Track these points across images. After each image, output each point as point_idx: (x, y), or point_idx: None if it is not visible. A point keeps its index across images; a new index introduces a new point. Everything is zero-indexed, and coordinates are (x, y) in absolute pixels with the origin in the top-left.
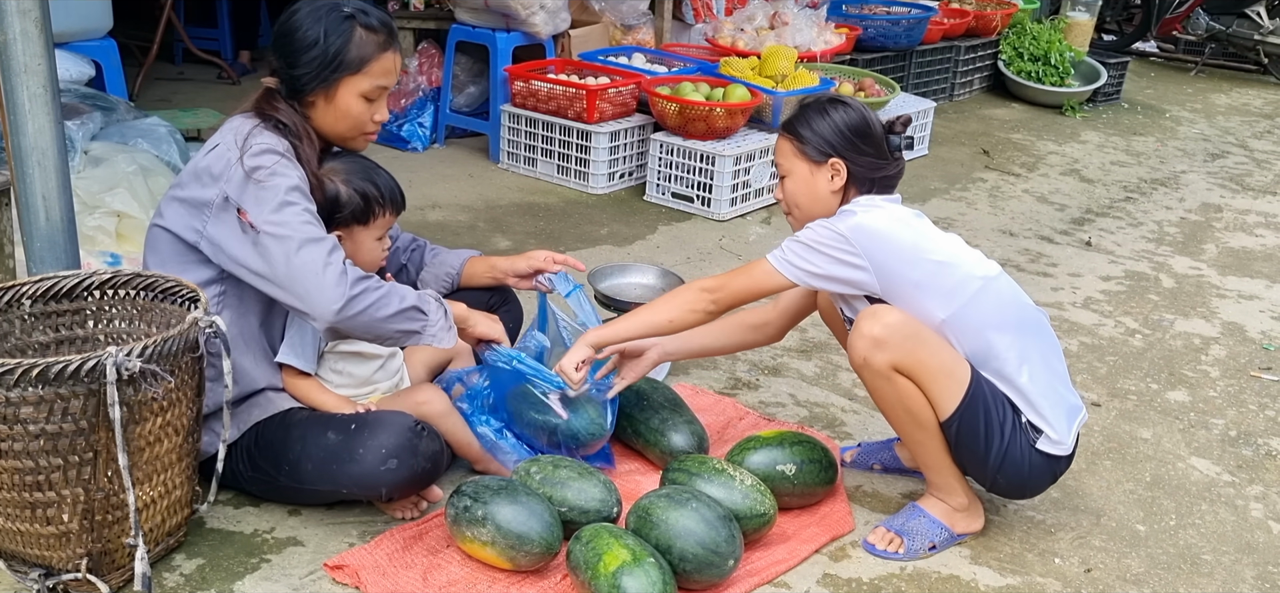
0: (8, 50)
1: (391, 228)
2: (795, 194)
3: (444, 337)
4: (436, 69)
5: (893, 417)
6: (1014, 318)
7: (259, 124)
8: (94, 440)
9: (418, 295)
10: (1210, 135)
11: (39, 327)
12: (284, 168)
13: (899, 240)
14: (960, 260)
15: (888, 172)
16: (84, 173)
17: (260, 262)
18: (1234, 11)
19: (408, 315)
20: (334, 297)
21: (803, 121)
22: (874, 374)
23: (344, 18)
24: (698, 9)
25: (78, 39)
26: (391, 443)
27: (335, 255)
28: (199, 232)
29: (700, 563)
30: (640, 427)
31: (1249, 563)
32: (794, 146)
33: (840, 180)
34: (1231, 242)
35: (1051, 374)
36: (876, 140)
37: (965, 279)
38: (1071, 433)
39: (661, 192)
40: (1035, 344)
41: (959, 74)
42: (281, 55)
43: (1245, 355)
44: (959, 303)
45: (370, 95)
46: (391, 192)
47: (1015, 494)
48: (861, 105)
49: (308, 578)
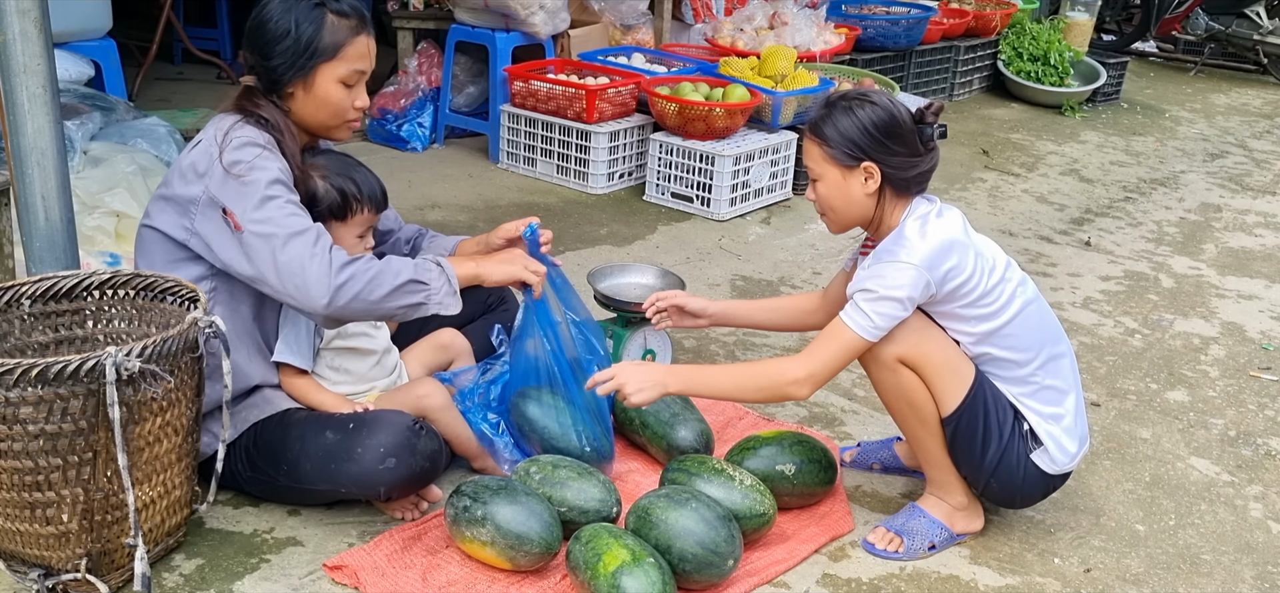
0: (7, 50)
1: (393, 222)
2: (830, 199)
3: (449, 302)
4: (436, 69)
5: (895, 410)
6: (1044, 336)
7: (240, 119)
8: (93, 440)
9: (414, 266)
10: (1209, 135)
11: (38, 327)
12: (264, 160)
13: (963, 265)
14: (1006, 282)
15: (923, 167)
16: (83, 173)
17: (248, 264)
18: (1233, 11)
19: (406, 290)
20: (323, 287)
21: (829, 123)
22: (880, 365)
23: (314, 5)
24: (697, 9)
25: (77, 39)
26: (390, 442)
27: (320, 244)
28: (188, 229)
29: (700, 563)
30: (648, 419)
31: (1248, 563)
32: (822, 150)
33: (874, 183)
34: (1231, 242)
35: (1064, 394)
36: (907, 136)
37: (1007, 302)
38: (1072, 459)
39: (661, 192)
40: (1057, 363)
41: (958, 74)
42: (255, 49)
43: (1244, 355)
44: (999, 323)
45: (348, 80)
46: (371, 188)
47: (1005, 503)
48: (887, 99)
49: (307, 578)
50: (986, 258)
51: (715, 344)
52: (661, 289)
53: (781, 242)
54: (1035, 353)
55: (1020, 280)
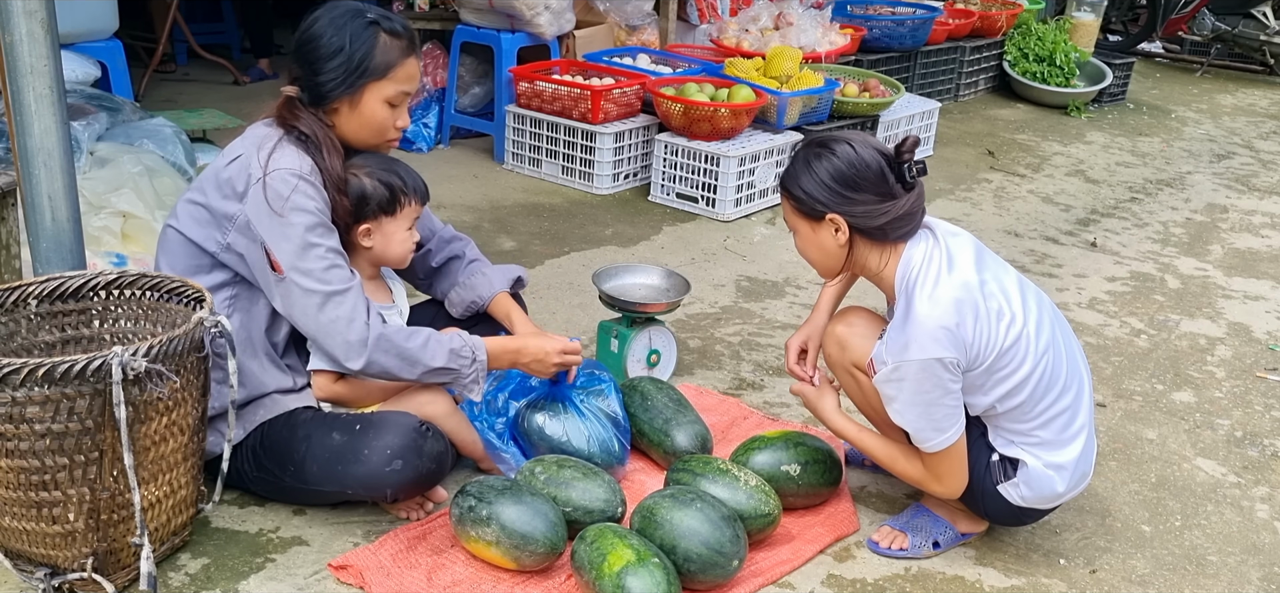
0: (14, 51)
1: (425, 231)
2: (806, 251)
3: (473, 391)
4: (442, 70)
5: (863, 411)
6: (1060, 379)
7: (282, 137)
8: (99, 440)
9: (450, 352)
10: (1216, 136)
11: (45, 327)
12: (304, 197)
13: (965, 339)
14: (1020, 341)
15: (896, 212)
16: (90, 173)
17: (285, 305)
18: (1240, 12)
19: (435, 374)
20: (358, 357)
21: (791, 178)
22: (840, 370)
23: (367, 24)
24: (702, 10)
25: (83, 40)
26: (397, 444)
27: (358, 309)
28: (221, 243)
29: (705, 563)
30: (644, 426)
31: (1255, 564)
32: (791, 205)
33: (844, 234)
34: (1237, 242)
35: (1071, 438)
36: (871, 182)
37: (1019, 365)
38: (1053, 500)
39: (666, 192)
40: (1066, 411)
41: (964, 75)
42: (304, 63)
43: (1251, 356)
44: (1008, 387)
45: (394, 101)
46: (415, 181)
47: (989, 518)
48: (850, 144)
49: (312, 578)
50: (992, 307)
51: (720, 345)
52: (666, 289)
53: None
54: (1046, 407)
55: (1037, 323)
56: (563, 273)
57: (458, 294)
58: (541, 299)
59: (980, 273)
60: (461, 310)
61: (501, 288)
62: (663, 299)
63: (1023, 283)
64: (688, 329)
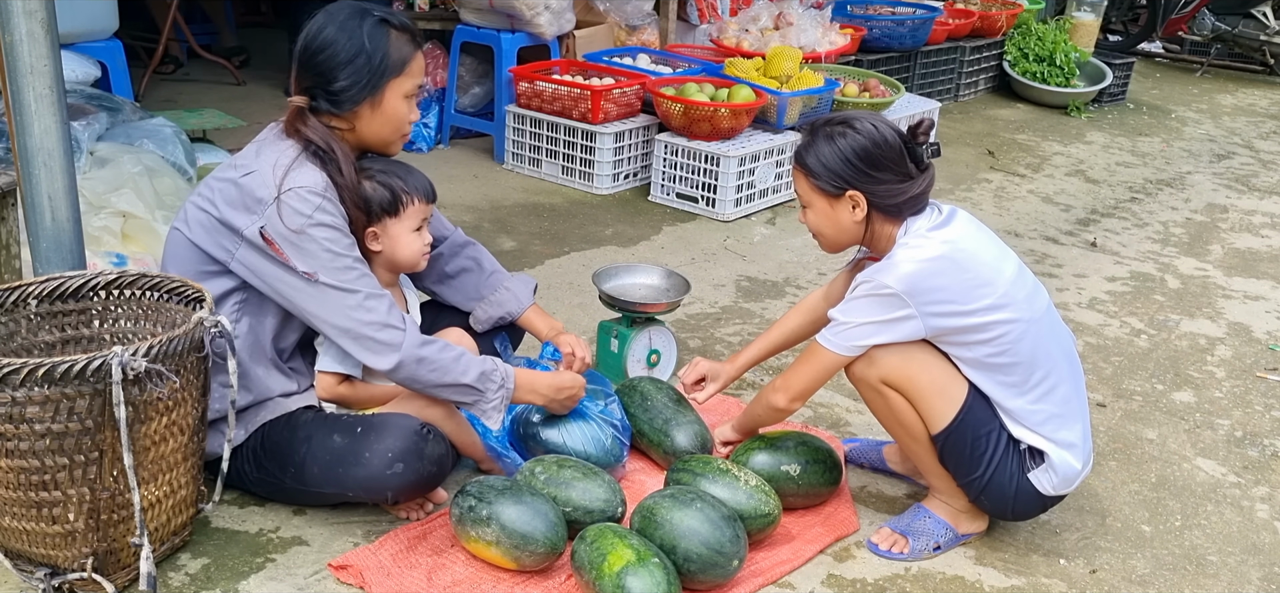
0: (14, 51)
1: (436, 233)
2: (819, 226)
3: (493, 417)
4: (441, 70)
5: (886, 425)
6: (1049, 353)
7: (299, 153)
8: (99, 440)
9: (481, 373)
10: (1216, 136)
11: (45, 327)
12: (326, 215)
13: (948, 288)
14: (1009, 302)
15: (913, 191)
16: (90, 173)
17: (318, 307)
18: (1240, 12)
19: (460, 390)
20: (389, 358)
21: (811, 153)
22: (866, 386)
23: (377, 23)
24: (702, 10)
25: (83, 40)
26: (397, 446)
27: (393, 314)
28: (231, 252)
29: (705, 563)
30: (644, 426)
31: (1255, 564)
32: (808, 180)
33: (862, 211)
34: (1237, 242)
35: (1068, 420)
36: (892, 160)
37: (1010, 324)
38: (1074, 480)
39: (666, 192)
40: (1063, 387)
41: (964, 75)
42: (317, 72)
43: (1251, 356)
44: (1001, 347)
45: (411, 95)
46: (418, 181)
47: (999, 515)
48: (872, 123)
49: (312, 578)
50: (983, 266)
51: (720, 344)
52: (666, 289)
53: (786, 242)
54: (1039, 379)
55: (1027, 297)
56: (563, 273)
57: (483, 310)
58: (542, 299)
59: (975, 243)
60: (487, 325)
61: (529, 303)
62: (663, 299)
63: (1021, 266)
64: (688, 329)
